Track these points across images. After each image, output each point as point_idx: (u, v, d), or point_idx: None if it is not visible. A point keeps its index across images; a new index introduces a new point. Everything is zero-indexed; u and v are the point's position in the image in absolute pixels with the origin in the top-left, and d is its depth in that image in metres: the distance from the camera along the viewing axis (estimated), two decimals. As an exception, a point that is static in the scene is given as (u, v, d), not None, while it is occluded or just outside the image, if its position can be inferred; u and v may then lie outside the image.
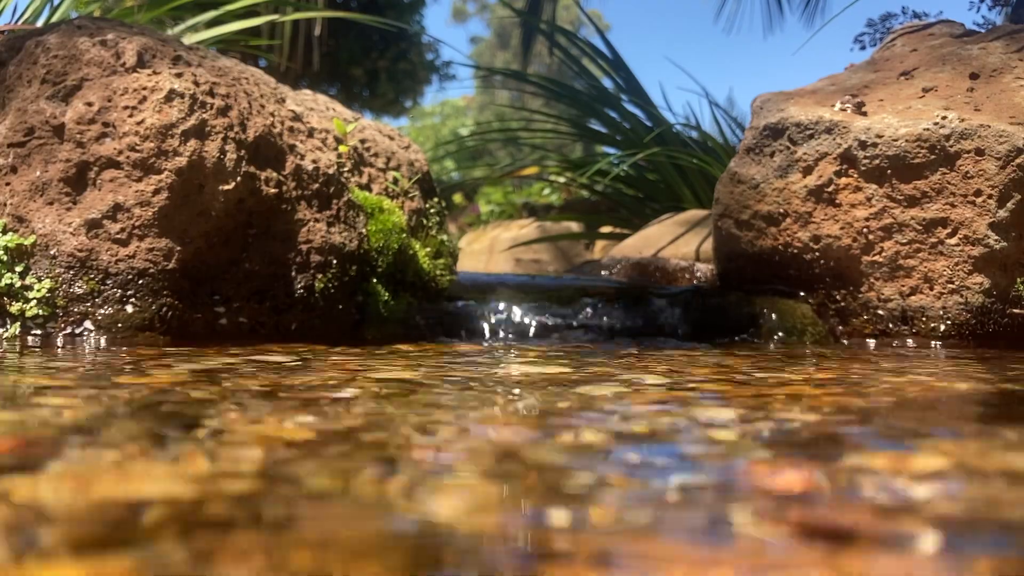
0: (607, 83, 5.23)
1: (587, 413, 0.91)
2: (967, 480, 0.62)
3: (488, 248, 5.90)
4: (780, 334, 2.15)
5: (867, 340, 2.12)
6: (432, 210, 2.40)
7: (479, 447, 0.73)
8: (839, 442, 0.77)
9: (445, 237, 2.39)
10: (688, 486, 0.59)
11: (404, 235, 2.09)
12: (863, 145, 2.09)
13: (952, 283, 2.04)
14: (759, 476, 0.62)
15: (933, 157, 2.02)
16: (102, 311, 1.64)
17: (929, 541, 0.47)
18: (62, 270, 1.64)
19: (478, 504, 0.53)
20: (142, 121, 1.65)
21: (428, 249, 2.23)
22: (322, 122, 2.15)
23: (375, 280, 2.02)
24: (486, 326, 2.14)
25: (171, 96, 1.68)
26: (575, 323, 2.16)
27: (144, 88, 1.68)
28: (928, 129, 2.02)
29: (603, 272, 3.25)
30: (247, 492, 0.55)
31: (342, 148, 2.14)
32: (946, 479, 0.62)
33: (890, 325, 2.11)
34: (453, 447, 0.73)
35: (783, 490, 0.58)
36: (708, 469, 0.65)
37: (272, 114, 1.91)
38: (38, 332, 1.63)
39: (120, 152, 1.65)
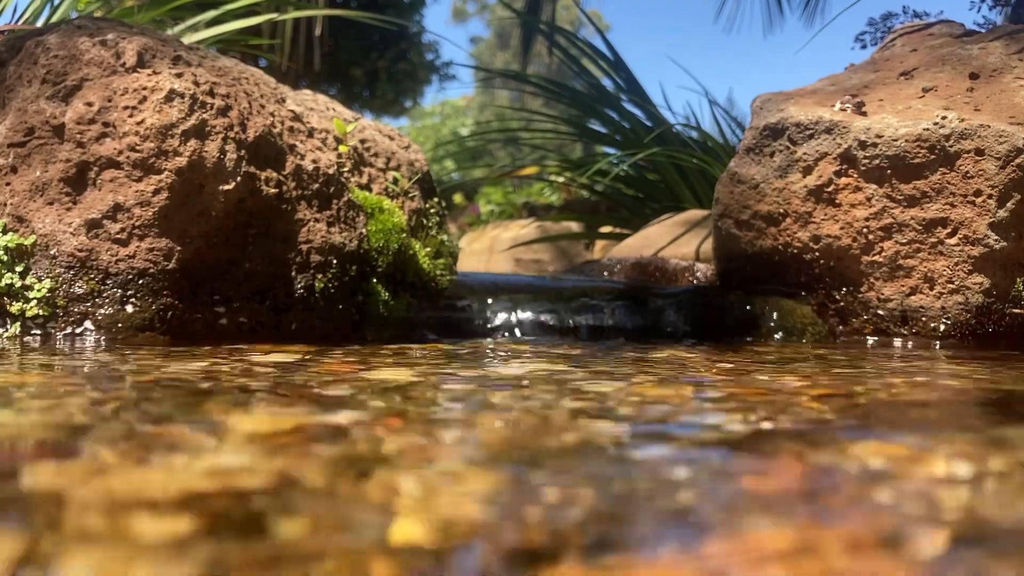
0: (607, 83, 5.23)
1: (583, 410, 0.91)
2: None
3: (488, 248, 5.91)
4: (780, 334, 2.15)
5: (867, 340, 2.12)
6: (432, 210, 2.40)
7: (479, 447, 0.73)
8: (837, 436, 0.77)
9: (445, 237, 2.39)
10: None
11: (404, 235, 2.09)
12: (863, 145, 2.09)
13: (952, 283, 2.04)
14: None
15: (933, 157, 2.02)
16: (102, 311, 1.64)
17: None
18: (62, 270, 1.64)
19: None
20: (142, 121, 1.65)
21: (428, 249, 2.23)
22: (322, 122, 2.15)
23: (375, 280, 2.02)
24: (485, 326, 2.14)
25: (171, 96, 1.68)
26: (574, 323, 2.16)
27: (144, 88, 1.68)
28: (928, 129, 2.02)
29: (603, 272, 3.25)
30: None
31: (342, 148, 2.14)
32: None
33: (890, 325, 2.11)
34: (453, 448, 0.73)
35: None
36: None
37: (272, 114, 1.91)
38: (38, 332, 1.63)
39: (120, 152, 1.65)
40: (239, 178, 1.73)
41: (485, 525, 0.49)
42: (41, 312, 1.63)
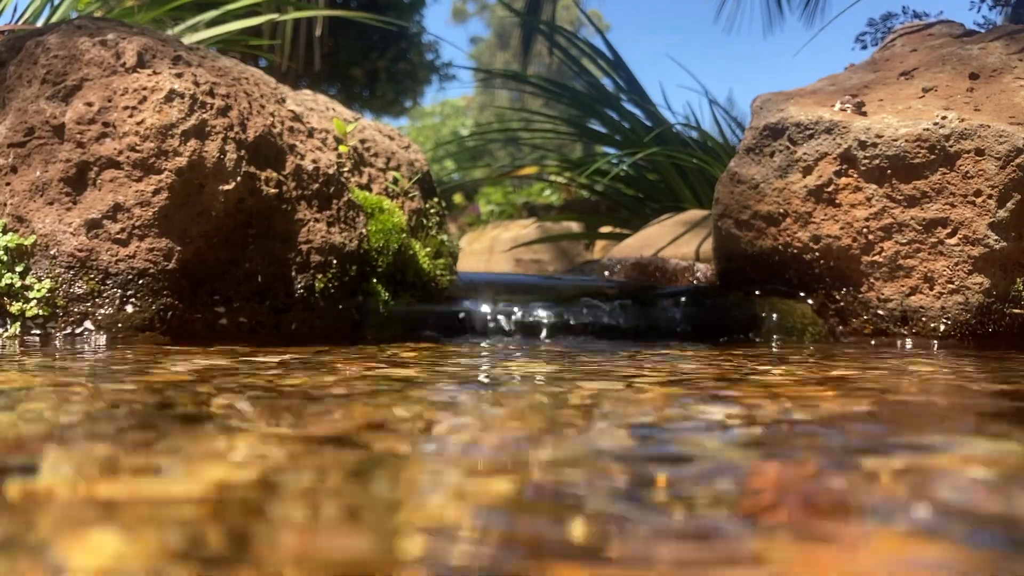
0: (607, 83, 5.23)
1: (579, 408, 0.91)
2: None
3: (488, 248, 5.91)
4: (780, 334, 2.15)
5: (867, 340, 2.12)
6: (432, 210, 2.40)
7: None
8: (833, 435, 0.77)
9: (445, 237, 2.39)
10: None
11: (404, 235, 2.09)
12: (863, 145, 2.09)
13: (952, 283, 2.04)
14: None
15: (933, 157, 2.02)
16: (102, 311, 1.64)
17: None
18: (62, 270, 1.64)
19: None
20: (142, 121, 1.65)
21: (428, 249, 2.23)
22: (322, 122, 2.15)
23: (375, 280, 2.02)
24: (485, 326, 2.14)
25: (171, 96, 1.68)
26: (574, 322, 2.16)
27: (144, 88, 1.68)
28: (928, 129, 2.02)
29: (603, 272, 3.25)
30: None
31: (342, 148, 2.14)
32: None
33: (890, 325, 2.11)
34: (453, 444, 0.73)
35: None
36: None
37: (272, 114, 1.91)
38: (38, 332, 1.63)
39: (120, 152, 1.65)
40: (239, 178, 1.73)
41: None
42: (41, 312, 1.63)
